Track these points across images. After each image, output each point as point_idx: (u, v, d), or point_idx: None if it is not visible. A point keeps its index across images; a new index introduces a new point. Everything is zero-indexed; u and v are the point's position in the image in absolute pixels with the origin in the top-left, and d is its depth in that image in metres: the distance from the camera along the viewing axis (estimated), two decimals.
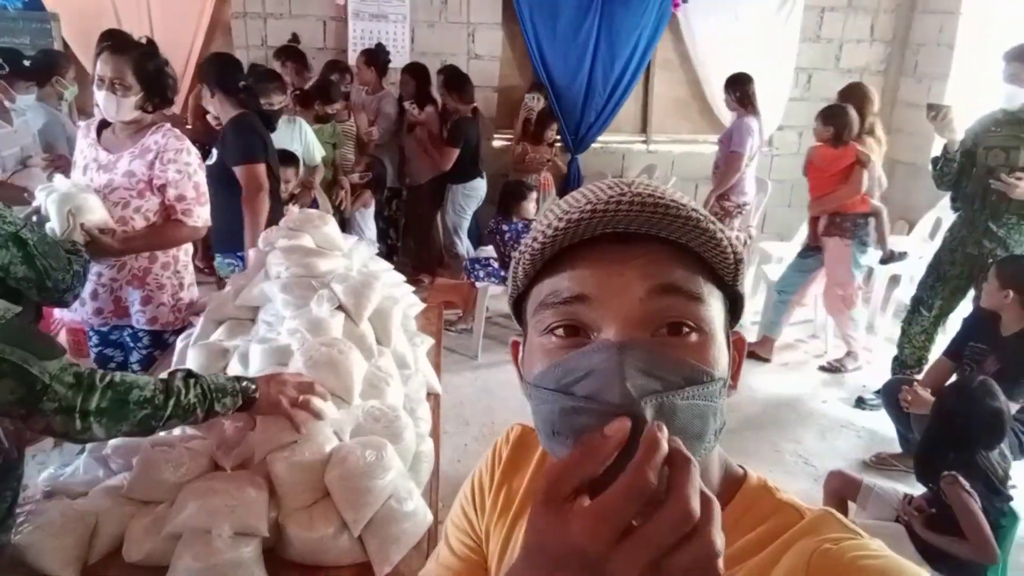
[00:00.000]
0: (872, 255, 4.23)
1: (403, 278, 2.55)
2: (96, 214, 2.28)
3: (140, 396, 1.33)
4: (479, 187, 5.23)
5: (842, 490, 2.56)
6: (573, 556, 0.45)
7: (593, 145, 6.08)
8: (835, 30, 6.02)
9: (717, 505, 0.46)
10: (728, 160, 4.83)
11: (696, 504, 0.45)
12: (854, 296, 4.20)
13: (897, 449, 3.35)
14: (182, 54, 5.53)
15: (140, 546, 1.41)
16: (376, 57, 5.16)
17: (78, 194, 2.26)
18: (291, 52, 5.14)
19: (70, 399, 1.25)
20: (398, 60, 5.53)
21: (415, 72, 5.12)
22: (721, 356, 0.60)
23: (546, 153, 5.39)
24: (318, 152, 4.36)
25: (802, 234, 5.36)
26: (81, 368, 1.30)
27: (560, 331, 0.60)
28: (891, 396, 3.14)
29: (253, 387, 1.49)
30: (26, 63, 3.96)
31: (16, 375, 1.20)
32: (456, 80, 4.99)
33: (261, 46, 5.68)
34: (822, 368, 4.38)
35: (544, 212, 0.64)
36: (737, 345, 0.65)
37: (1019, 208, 3.27)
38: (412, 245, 5.71)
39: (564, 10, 5.69)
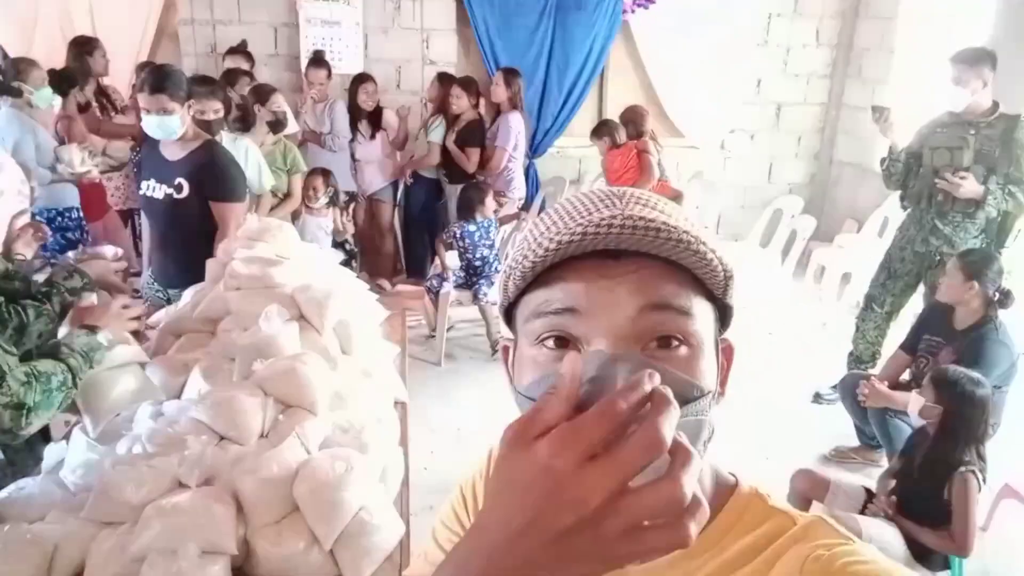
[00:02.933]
0: None
1: (367, 286, 2.53)
2: None
3: (58, 382, 1.40)
4: None
5: (809, 490, 2.60)
6: (539, 476, 0.44)
7: (550, 149, 6.11)
8: (783, 36, 6.16)
9: (696, 456, 0.45)
10: (495, 155, 4.98)
11: (667, 434, 0.43)
12: None
13: (855, 442, 3.43)
14: (128, 62, 5.39)
15: (103, 570, 1.37)
16: (327, 63, 5.10)
17: None
18: (240, 52, 5.05)
19: (22, 395, 1.30)
20: (352, 67, 5.48)
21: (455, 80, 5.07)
22: (709, 367, 0.60)
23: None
24: (268, 179, 3.77)
25: (756, 234, 5.50)
26: (20, 362, 1.35)
27: (550, 342, 0.60)
28: (848, 391, 3.21)
29: (92, 328, 1.62)
30: None
31: None
32: (470, 85, 4.95)
33: (210, 53, 5.56)
34: None
35: (535, 222, 0.64)
36: (726, 352, 0.66)
37: (963, 206, 3.39)
38: (369, 251, 5.65)
39: (518, 16, 5.70)
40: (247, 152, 3.54)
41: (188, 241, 2.63)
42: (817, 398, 3.99)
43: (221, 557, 1.36)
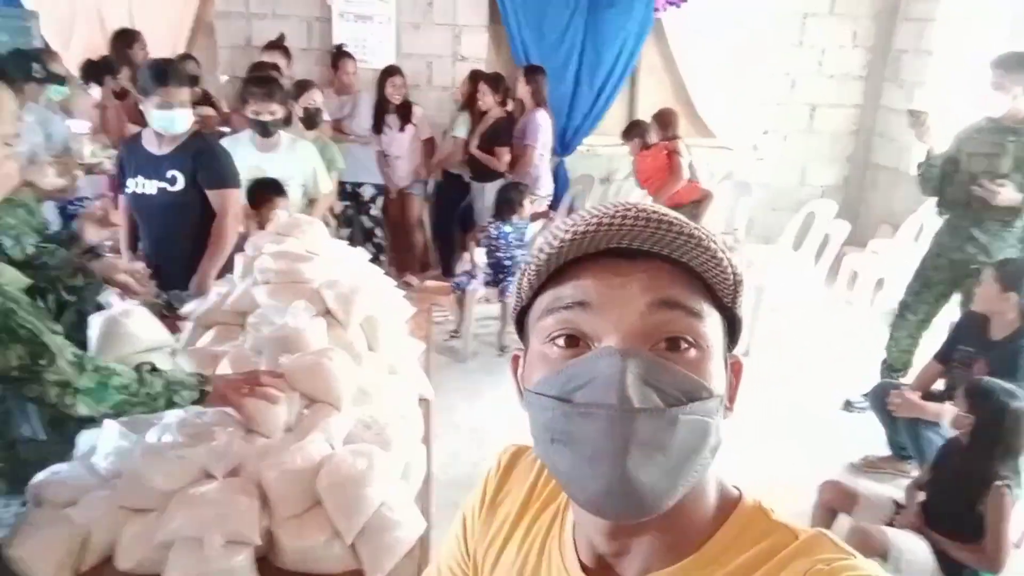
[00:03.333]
0: None
1: (394, 283, 2.54)
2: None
3: (119, 382, 1.39)
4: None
5: (836, 501, 2.56)
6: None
7: (579, 148, 6.09)
8: (818, 36, 6.07)
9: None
10: (525, 154, 4.95)
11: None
12: None
13: (885, 452, 3.38)
14: (165, 54, 5.45)
15: (132, 555, 1.40)
16: (351, 56, 5.13)
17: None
18: (278, 47, 5.07)
19: (68, 374, 1.33)
20: (383, 61, 5.50)
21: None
22: (718, 373, 0.61)
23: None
24: (324, 183, 3.56)
25: (788, 238, 5.43)
26: (75, 348, 1.37)
27: (561, 341, 0.61)
28: (879, 400, 3.16)
29: (206, 381, 1.54)
30: (37, 67, 3.90)
31: (30, 342, 1.28)
32: (497, 82, 4.95)
33: (245, 46, 5.63)
34: None
35: (551, 228, 0.64)
36: (735, 368, 0.66)
37: (1001, 215, 3.31)
38: (398, 246, 5.68)
39: (549, 13, 5.69)
40: (306, 155, 3.44)
41: (184, 235, 2.65)
42: (848, 406, 3.93)
43: (245, 547, 1.37)
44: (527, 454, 0.83)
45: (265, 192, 3.08)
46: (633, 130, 4.96)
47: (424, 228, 5.58)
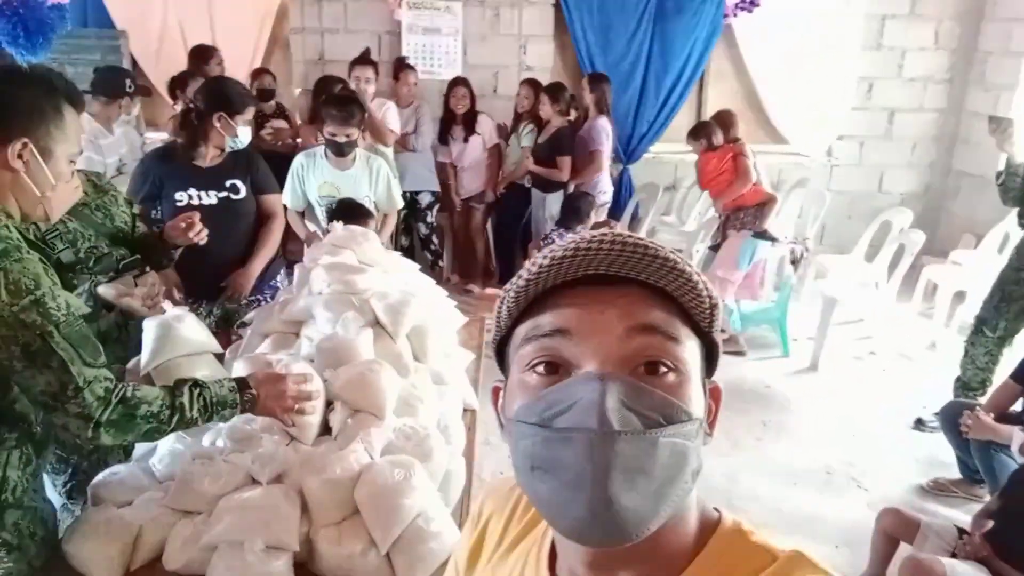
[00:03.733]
0: (765, 248, 4.62)
1: (445, 293, 2.58)
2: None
3: (147, 411, 1.39)
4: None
5: (896, 529, 2.44)
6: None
7: (645, 155, 6.04)
8: (897, 38, 5.84)
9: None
10: (594, 158, 4.95)
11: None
12: (732, 285, 4.53)
13: (956, 474, 3.21)
14: (243, 69, 5.71)
15: (179, 555, 1.47)
16: (412, 67, 5.20)
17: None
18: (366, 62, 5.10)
19: (92, 409, 1.32)
20: (449, 72, 5.59)
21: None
22: (697, 397, 0.61)
23: None
24: (398, 198, 3.53)
25: (862, 248, 5.23)
26: (112, 382, 1.37)
27: (541, 368, 0.61)
28: (951, 420, 3.01)
29: (250, 398, 1.54)
30: (129, 83, 4.16)
31: (59, 372, 1.29)
32: (557, 92, 4.97)
33: (319, 60, 5.82)
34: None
35: (530, 260, 0.65)
36: (714, 394, 0.66)
37: None
38: (461, 254, 5.76)
39: (616, 21, 5.67)
40: (379, 169, 3.42)
41: (242, 239, 2.80)
42: (919, 424, 3.76)
43: (284, 553, 1.42)
44: (497, 493, 0.84)
45: (352, 217, 2.90)
46: (700, 131, 4.83)
47: (487, 236, 5.63)
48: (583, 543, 0.58)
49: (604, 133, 4.90)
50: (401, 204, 3.62)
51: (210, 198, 2.72)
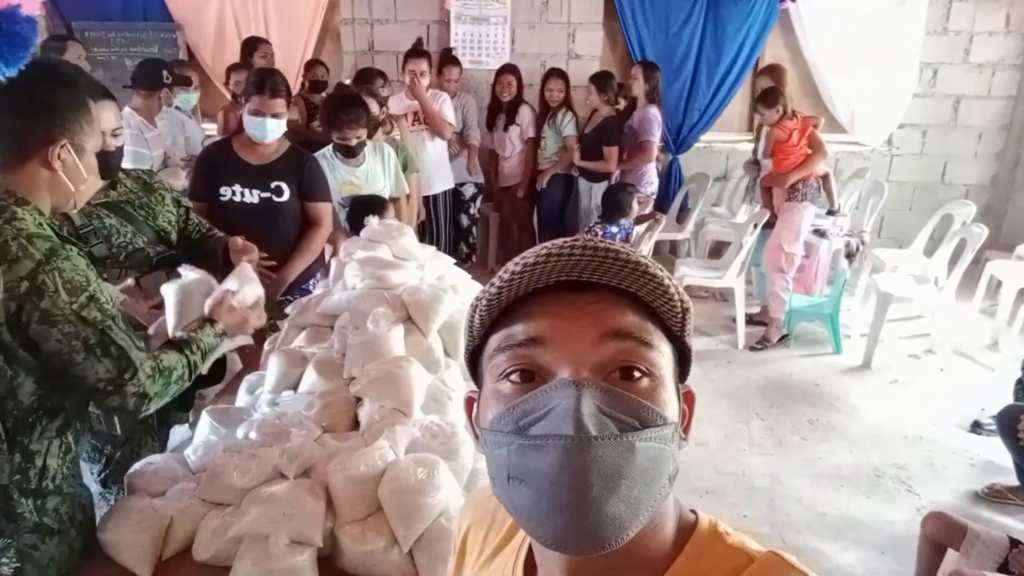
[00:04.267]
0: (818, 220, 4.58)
1: (480, 287, 2.57)
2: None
3: (177, 376, 1.52)
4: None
5: (941, 535, 2.35)
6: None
7: (696, 145, 5.93)
8: (964, 22, 5.58)
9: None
10: (645, 148, 4.86)
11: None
12: (796, 257, 4.45)
13: (1014, 481, 3.08)
14: (295, 60, 5.80)
15: (208, 546, 1.50)
16: (457, 59, 5.16)
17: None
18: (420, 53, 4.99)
19: (147, 387, 1.43)
20: (497, 61, 5.57)
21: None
22: (671, 401, 0.62)
23: None
24: (403, 185, 3.59)
25: (921, 242, 5.03)
26: (152, 359, 1.48)
27: (515, 376, 0.61)
28: (1008, 424, 2.88)
29: (221, 331, 1.69)
30: (166, 74, 4.23)
31: (119, 358, 1.39)
32: (604, 81, 4.90)
33: (368, 51, 5.87)
34: (752, 348, 4.56)
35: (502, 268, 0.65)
36: (687, 399, 0.67)
37: None
38: (504, 243, 5.75)
39: (668, 7, 5.57)
40: (388, 156, 3.46)
41: (282, 242, 2.69)
42: (976, 428, 3.61)
43: (308, 547, 1.44)
44: (476, 503, 0.84)
45: (371, 211, 2.82)
46: (775, 97, 4.36)
47: (532, 226, 5.60)
48: (561, 551, 0.57)
49: (656, 123, 4.81)
50: (408, 190, 3.63)
51: (252, 196, 2.70)
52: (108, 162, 1.58)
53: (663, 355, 0.62)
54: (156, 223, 2.18)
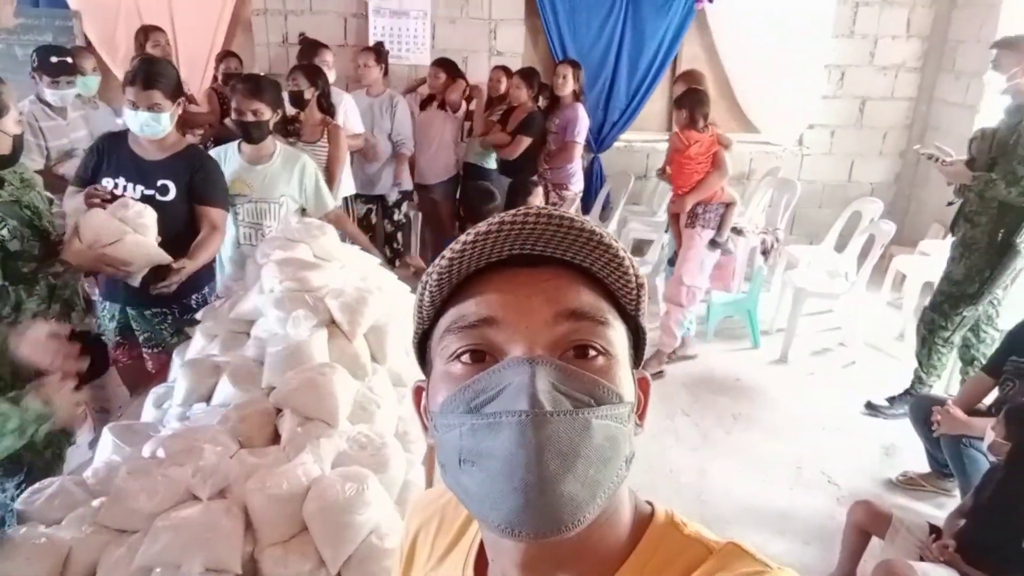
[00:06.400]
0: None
1: (408, 289, 2.48)
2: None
3: (12, 427, 1.38)
4: None
5: (867, 523, 2.41)
6: None
7: (616, 144, 5.97)
8: (870, 25, 5.81)
9: None
10: (569, 149, 4.77)
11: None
12: (697, 292, 4.13)
13: (926, 468, 3.20)
14: (202, 52, 5.52)
15: None
16: (383, 55, 5.00)
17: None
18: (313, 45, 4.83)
19: None
20: (418, 57, 5.46)
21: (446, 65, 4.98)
22: (627, 382, 0.60)
23: None
24: (328, 199, 3.08)
25: (832, 238, 5.21)
26: None
27: (466, 356, 0.59)
28: (920, 415, 2.99)
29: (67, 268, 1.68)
30: (53, 59, 3.88)
31: None
32: (532, 77, 4.82)
33: (282, 43, 5.65)
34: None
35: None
36: (642, 385, 0.65)
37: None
38: (432, 245, 5.64)
39: (588, 5, 5.57)
40: (304, 168, 2.96)
41: (162, 247, 2.39)
42: (871, 408, 3.77)
43: (226, 575, 1.33)
44: (422, 506, 0.81)
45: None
46: (691, 102, 3.94)
47: (455, 226, 5.51)
48: (517, 537, 0.54)
49: (583, 124, 4.77)
50: (332, 205, 3.13)
51: (135, 192, 2.45)
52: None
53: (618, 334, 0.61)
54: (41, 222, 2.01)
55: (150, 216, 2.28)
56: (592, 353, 0.58)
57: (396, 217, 5.09)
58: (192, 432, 1.59)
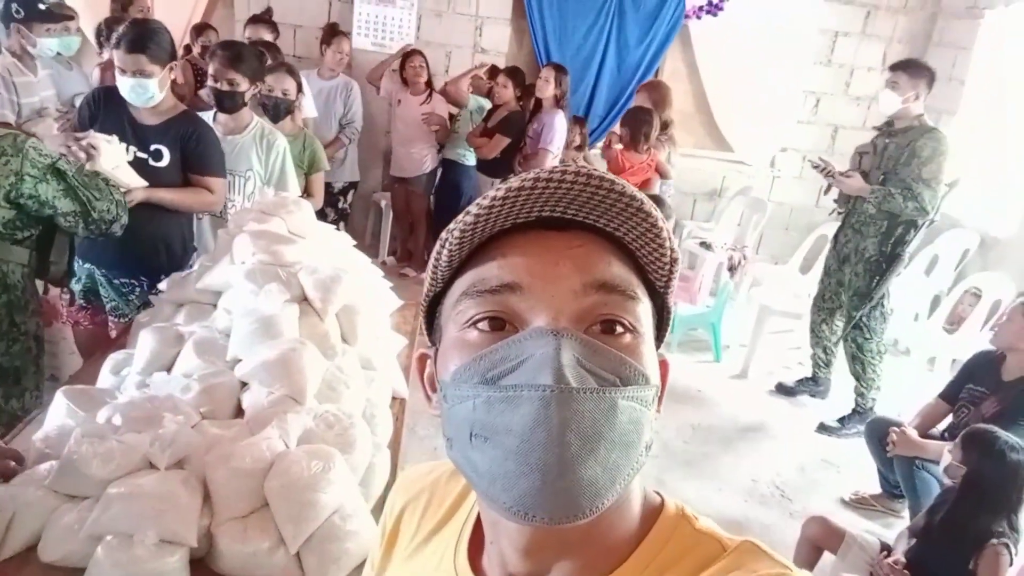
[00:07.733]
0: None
1: (381, 273, 2.44)
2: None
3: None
4: None
5: (821, 538, 2.44)
6: None
7: (592, 151, 5.97)
8: (847, 56, 5.92)
9: None
10: (540, 157, 4.73)
11: None
12: None
13: (877, 488, 3.26)
14: (180, 22, 5.39)
15: (58, 545, 1.30)
16: (345, 34, 4.92)
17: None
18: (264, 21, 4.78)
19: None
20: (400, 47, 5.39)
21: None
22: (653, 363, 0.56)
23: None
24: (292, 184, 2.97)
25: (797, 260, 5.30)
26: None
27: (484, 324, 0.54)
28: (875, 436, 3.04)
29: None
30: (41, 6, 3.72)
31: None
32: (518, 76, 4.81)
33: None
34: None
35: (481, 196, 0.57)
36: (662, 368, 0.60)
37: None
38: (403, 236, 5.58)
39: (576, 11, 5.58)
40: (275, 146, 2.88)
41: (149, 215, 2.37)
42: (822, 429, 3.85)
43: (180, 547, 1.28)
44: (409, 482, 0.77)
45: None
46: (636, 121, 3.99)
47: (430, 218, 5.45)
48: (529, 521, 0.50)
49: (559, 133, 4.75)
50: (297, 193, 2.95)
51: (128, 154, 2.37)
52: None
53: (646, 310, 0.57)
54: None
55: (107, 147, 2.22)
56: (619, 329, 0.54)
57: (341, 205, 4.98)
58: (152, 400, 1.52)
